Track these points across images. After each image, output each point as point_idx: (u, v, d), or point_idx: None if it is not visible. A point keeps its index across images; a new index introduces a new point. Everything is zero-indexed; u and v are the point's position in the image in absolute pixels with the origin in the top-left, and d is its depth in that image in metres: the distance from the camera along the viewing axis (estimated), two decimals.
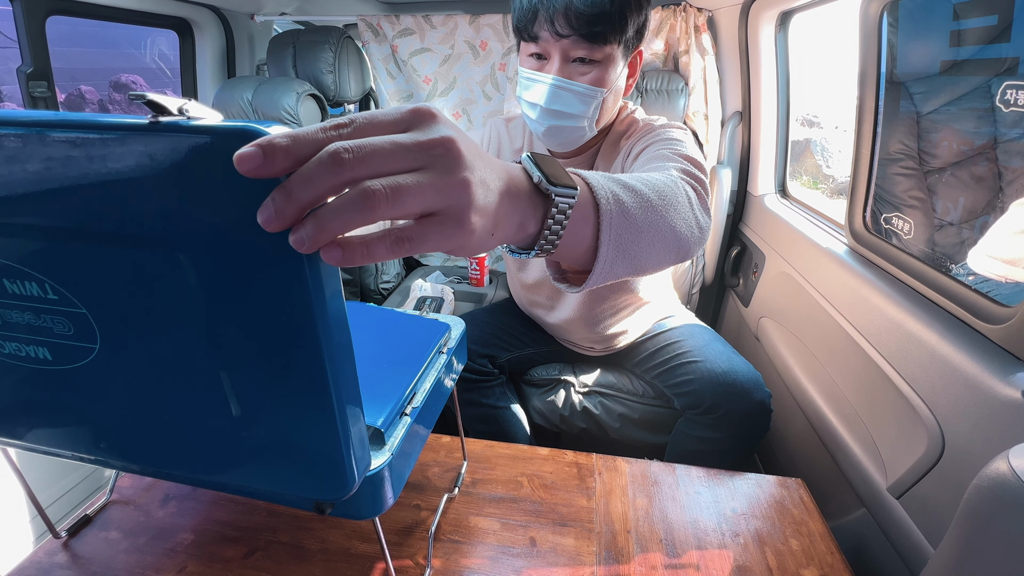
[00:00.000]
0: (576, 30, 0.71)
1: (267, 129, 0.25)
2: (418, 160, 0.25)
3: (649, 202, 0.43)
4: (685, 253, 0.48)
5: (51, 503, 1.02)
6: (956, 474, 0.61)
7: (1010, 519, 0.34)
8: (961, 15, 0.73)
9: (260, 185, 0.24)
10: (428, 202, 0.25)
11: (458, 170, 0.26)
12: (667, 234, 0.45)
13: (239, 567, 0.55)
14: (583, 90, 0.75)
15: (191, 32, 1.57)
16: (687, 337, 0.98)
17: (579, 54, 0.74)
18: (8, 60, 1.71)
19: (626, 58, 0.78)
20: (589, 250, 0.39)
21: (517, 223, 0.33)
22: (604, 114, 0.80)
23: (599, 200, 0.38)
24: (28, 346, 0.35)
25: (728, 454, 0.89)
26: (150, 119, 0.26)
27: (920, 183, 0.84)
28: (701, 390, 0.87)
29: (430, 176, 0.25)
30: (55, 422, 0.40)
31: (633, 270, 0.43)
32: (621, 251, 0.40)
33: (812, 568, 0.57)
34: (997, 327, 0.61)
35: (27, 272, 0.32)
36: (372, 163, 0.24)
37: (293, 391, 0.32)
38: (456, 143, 0.27)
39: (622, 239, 0.40)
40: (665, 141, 0.72)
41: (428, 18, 1.52)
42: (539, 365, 1.12)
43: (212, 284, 0.29)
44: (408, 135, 0.26)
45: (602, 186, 0.39)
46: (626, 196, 0.41)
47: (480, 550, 0.58)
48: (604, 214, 0.38)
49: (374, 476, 0.40)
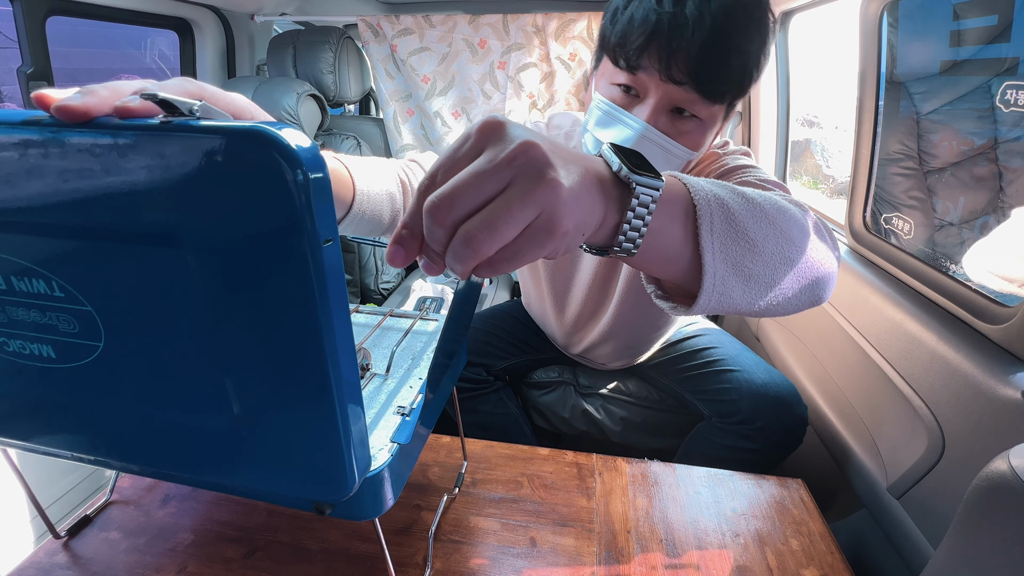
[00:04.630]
0: (694, 81, 0.56)
1: (280, 133, 0.25)
2: (504, 177, 0.26)
3: (762, 210, 0.37)
4: (825, 286, 0.41)
5: (51, 503, 1.02)
6: (956, 474, 0.61)
7: (1010, 519, 0.34)
8: (961, 15, 0.73)
9: (269, 187, 0.25)
10: (525, 219, 0.26)
11: (545, 172, 0.26)
12: (791, 253, 0.38)
13: (239, 567, 0.55)
14: (676, 150, 0.61)
15: (191, 32, 1.57)
16: (718, 344, 0.95)
17: (683, 105, 0.59)
18: (8, 60, 1.71)
19: (726, 118, 0.65)
20: (686, 259, 0.34)
21: (599, 218, 0.31)
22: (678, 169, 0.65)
23: (695, 197, 0.33)
24: (32, 344, 0.35)
25: (755, 464, 0.85)
26: (161, 120, 0.26)
27: (920, 183, 0.84)
28: (740, 400, 0.84)
29: (519, 190, 0.26)
30: (56, 422, 0.40)
31: (754, 294, 0.36)
32: (732, 265, 0.35)
33: (812, 568, 0.57)
34: (997, 327, 0.61)
35: (35, 270, 0.32)
36: (462, 202, 0.26)
37: (295, 390, 0.32)
38: (534, 146, 0.27)
39: (729, 249, 0.34)
40: (741, 169, 0.63)
41: (428, 18, 1.52)
42: (540, 368, 1.11)
43: (218, 283, 0.29)
44: (484, 157, 0.26)
45: (699, 185, 0.35)
46: (731, 199, 0.35)
47: (480, 550, 0.58)
48: (703, 214, 0.33)
49: (374, 477, 0.40)
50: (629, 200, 0.31)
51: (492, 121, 0.27)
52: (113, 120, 0.27)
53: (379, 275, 1.67)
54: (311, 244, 0.26)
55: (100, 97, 0.27)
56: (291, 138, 0.25)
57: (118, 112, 0.27)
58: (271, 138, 0.24)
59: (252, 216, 0.26)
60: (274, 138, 0.24)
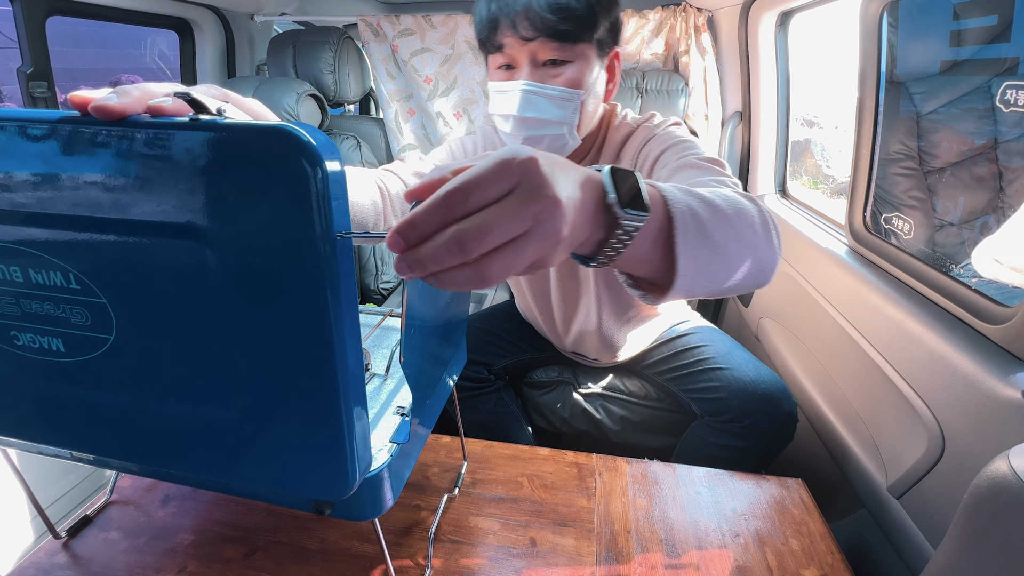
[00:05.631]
0: (542, 30, 0.67)
1: (301, 131, 0.26)
2: (524, 224, 0.27)
3: (725, 216, 0.42)
4: (768, 272, 0.47)
5: (51, 503, 1.01)
6: (956, 474, 0.61)
7: (1010, 519, 0.34)
8: (961, 15, 0.73)
9: (290, 182, 0.27)
10: (518, 229, 0.27)
11: (544, 188, 0.28)
12: (744, 251, 0.44)
13: (239, 567, 0.55)
14: (558, 93, 0.70)
15: (191, 32, 1.57)
16: (708, 343, 0.96)
17: (549, 56, 0.69)
18: (8, 60, 1.70)
19: (602, 60, 0.73)
20: (658, 261, 0.38)
21: (586, 236, 0.33)
22: (584, 119, 0.74)
23: (672, 210, 0.37)
24: (43, 337, 0.36)
25: (749, 462, 0.87)
26: (190, 118, 0.28)
27: (920, 183, 0.84)
28: (728, 398, 0.85)
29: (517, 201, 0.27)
30: (59, 418, 0.40)
31: (713, 286, 0.42)
32: (699, 266, 0.39)
33: (812, 568, 0.57)
34: (997, 327, 0.61)
35: (53, 262, 0.33)
36: (490, 240, 0.26)
37: (302, 383, 0.32)
38: (537, 163, 0.28)
39: (698, 253, 0.39)
40: (680, 145, 0.69)
41: (428, 18, 1.52)
42: (539, 367, 1.11)
43: (234, 275, 0.30)
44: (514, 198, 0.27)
45: (676, 197, 0.38)
46: (701, 208, 0.40)
47: (480, 550, 0.58)
48: (678, 226, 0.37)
49: (373, 477, 0.40)
50: (616, 227, 0.33)
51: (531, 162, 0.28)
52: (145, 118, 0.29)
53: (379, 275, 1.67)
54: (326, 236, 0.28)
55: (133, 97, 0.29)
56: (311, 136, 0.27)
57: (151, 111, 0.29)
58: (293, 135, 0.26)
59: (272, 208, 0.28)
60: (296, 135, 0.26)
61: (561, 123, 0.72)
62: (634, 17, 1.39)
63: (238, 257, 0.30)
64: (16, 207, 0.31)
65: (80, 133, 0.29)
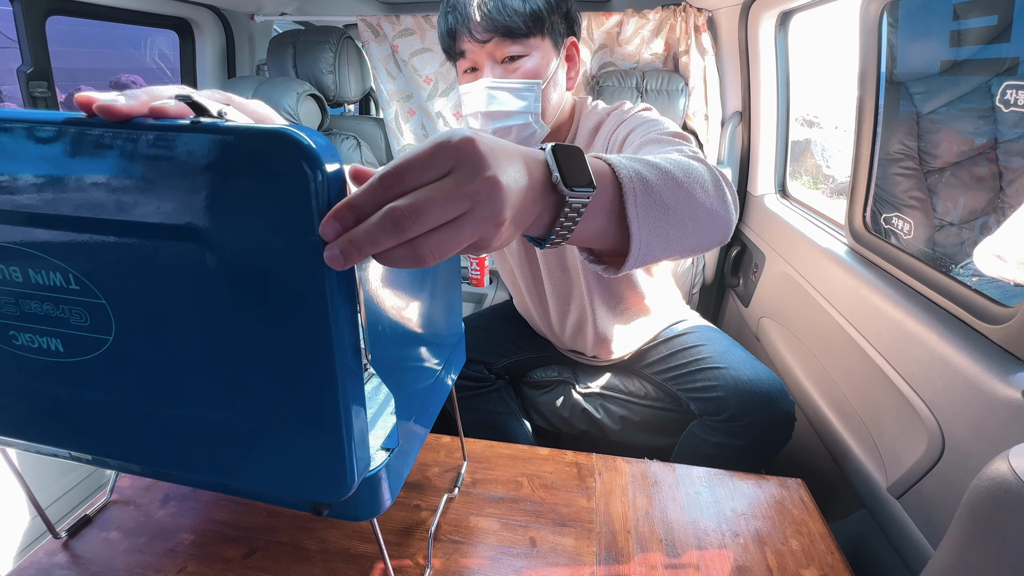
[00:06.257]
0: (494, 30, 0.72)
1: (302, 134, 0.27)
2: (461, 205, 0.27)
3: (674, 178, 0.42)
4: (725, 229, 0.48)
5: (51, 503, 1.02)
6: (956, 474, 0.61)
7: (1010, 519, 0.34)
8: (961, 15, 0.73)
9: (290, 183, 0.27)
10: (455, 210, 0.27)
11: (482, 170, 0.27)
12: (697, 211, 0.44)
13: (239, 567, 0.55)
14: (518, 85, 0.75)
15: (191, 32, 1.57)
16: (705, 342, 0.96)
17: (506, 53, 0.75)
18: (8, 60, 1.71)
19: (558, 49, 0.78)
20: (614, 233, 0.39)
21: (534, 216, 0.33)
22: (548, 107, 0.79)
23: (620, 176, 0.38)
24: (42, 337, 0.36)
25: (747, 461, 0.87)
26: (191, 120, 0.28)
27: (920, 183, 0.84)
28: (726, 397, 0.85)
29: (455, 181, 0.27)
30: (58, 418, 0.40)
31: (671, 249, 0.42)
32: (653, 230, 0.40)
33: (812, 568, 0.57)
34: (997, 327, 0.60)
35: (53, 262, 0.33)
36: (424, 221, 0.26)
37: (302, 383, 0.32)
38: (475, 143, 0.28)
39: (651, 217, 0.39)
40: (647, 124, 0.71)
41: (428, 18, 1.52)
42: (539, 367, 1.11)
43: (233, 280, 0.30)
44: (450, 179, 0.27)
45: (622, 164, 0.39)
46: (648, 172, 0.40)
47: (480, 550, 0.58)
48: (627, 191, 0.38)
49: (372, 477, 0.40)
50: (563, 206, 0.34)
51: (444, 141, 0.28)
52: (148, 120, 0.29)
53: None
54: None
55: (139, 99, 0.29)
56: (311, 139, 0.27)
57: (153, 113, 0.29)
58: (293, 138, 0.26)
59: (272, 211, 0.28)
60: (296, 138, 0.26)
61: (525, 112, 0.77)
62: (634, 17, 1.39)
63: (238, 259, 0.30)
64: (16, 207, 0.31)
65: (80, 134, 0.29)
